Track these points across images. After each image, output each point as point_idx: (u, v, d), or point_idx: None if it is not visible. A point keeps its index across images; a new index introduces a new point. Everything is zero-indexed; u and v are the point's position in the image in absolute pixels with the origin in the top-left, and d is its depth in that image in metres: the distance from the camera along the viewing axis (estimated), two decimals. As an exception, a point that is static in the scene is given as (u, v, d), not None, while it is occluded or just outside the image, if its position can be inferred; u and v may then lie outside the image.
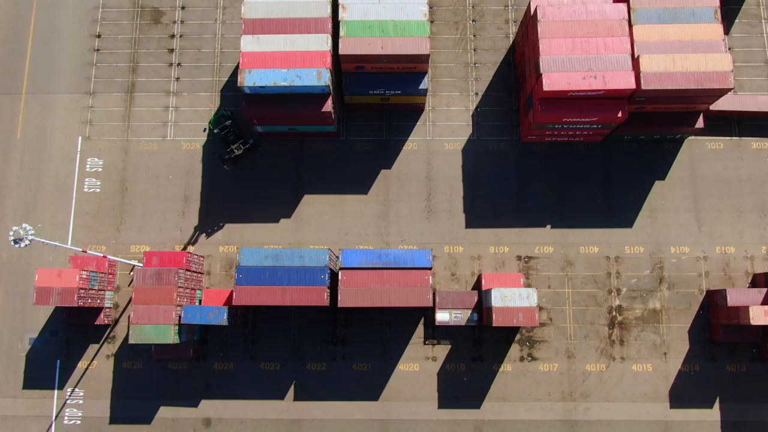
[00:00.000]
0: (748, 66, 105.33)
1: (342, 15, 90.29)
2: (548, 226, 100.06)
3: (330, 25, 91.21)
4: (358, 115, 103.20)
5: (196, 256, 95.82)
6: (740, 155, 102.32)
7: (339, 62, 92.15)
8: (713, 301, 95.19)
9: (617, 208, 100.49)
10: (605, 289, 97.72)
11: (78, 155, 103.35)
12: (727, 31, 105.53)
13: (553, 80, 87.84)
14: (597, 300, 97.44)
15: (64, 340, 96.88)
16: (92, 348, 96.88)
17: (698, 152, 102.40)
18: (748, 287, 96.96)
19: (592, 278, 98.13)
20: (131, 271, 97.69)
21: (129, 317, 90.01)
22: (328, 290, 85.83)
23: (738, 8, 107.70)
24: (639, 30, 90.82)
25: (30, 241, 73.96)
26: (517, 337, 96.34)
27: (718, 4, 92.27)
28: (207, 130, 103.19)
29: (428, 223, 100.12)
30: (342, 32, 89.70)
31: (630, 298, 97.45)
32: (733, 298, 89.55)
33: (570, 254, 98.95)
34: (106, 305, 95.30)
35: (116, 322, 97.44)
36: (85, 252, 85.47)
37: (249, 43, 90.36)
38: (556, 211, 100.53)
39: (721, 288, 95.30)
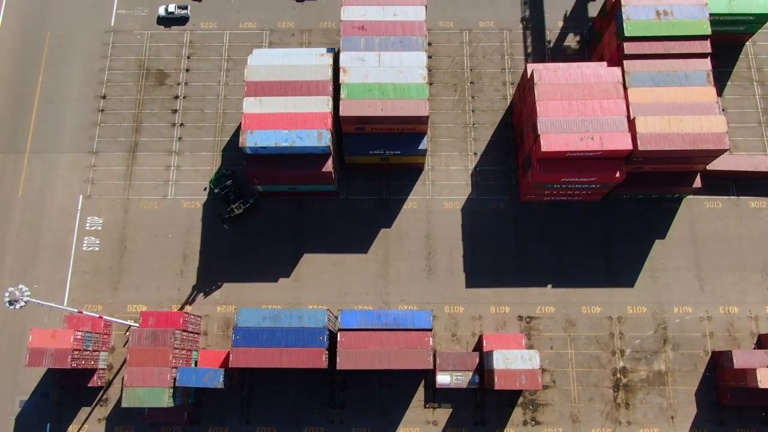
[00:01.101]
0: (742, 127, 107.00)
1: (343, 78, 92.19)
2: (549, 286, 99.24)
3: (331, 88, 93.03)
4: (358, 174, 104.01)
5: (193, 317, 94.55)
6: (739, 214, 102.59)
7: (339, 123, 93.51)
8: (719, 362, 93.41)
9: (618, 267, 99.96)
10: (609, 350, 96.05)
11: (78, 213, 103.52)
12: (720, 93, 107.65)
13: (550, 141, 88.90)
14: (601, 361, 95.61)
15: (56, 402, 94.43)
16: (84, 411, 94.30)
17: (697, 211, 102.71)
18: (754, 348, 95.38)
19: (595, 339, 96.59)
20: (127, 331, 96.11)
21: (123, 379, 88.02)
22: (326, 352, 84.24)
23: (729, 71, 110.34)
24: (634, 93, 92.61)
25: (25, 302, 73.04)
26: (520, 400, 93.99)
27: (710, 67, 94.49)
28: (208, 189, 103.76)
29: (428, 282, 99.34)
30: (343, 94, 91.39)
31: (634, 360, 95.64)
32: (740, 360, 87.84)
33: (572, 314, 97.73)
34: (100, 366, 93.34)
35: (110, 383, 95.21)
36: (81, 313, 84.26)
37: (251, 105, 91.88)
38: (557, 271, 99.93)
39: (726, 349, 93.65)
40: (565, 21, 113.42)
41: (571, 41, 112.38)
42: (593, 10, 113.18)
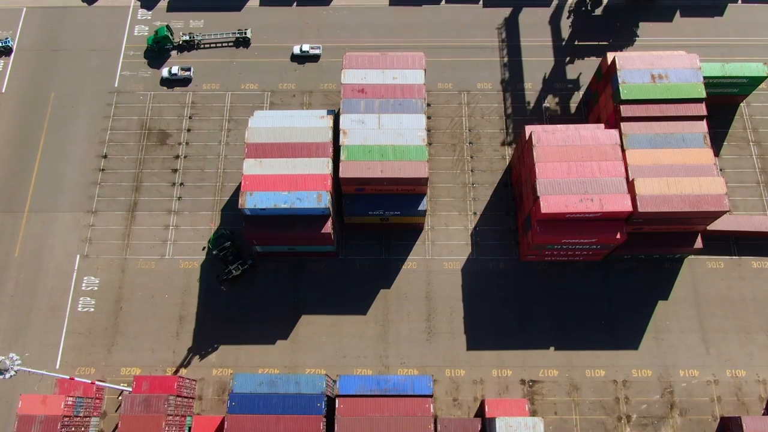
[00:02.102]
0: (740, 186, 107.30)
1: (343, 140, 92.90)
2: (551, 348, 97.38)
3: (331, 150, 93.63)
4: (357, 234, 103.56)
5: (188, 380, 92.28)
6: (741, 275, 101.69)
7: (339, 184, 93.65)
8: (728, 428, 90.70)
9: (621, 328, 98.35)
10: (615, 415, 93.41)
11: (75, 273, 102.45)
12: (717, 153, 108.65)
13: (550, 203, 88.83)
14: (606, 427, 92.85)
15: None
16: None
17: (699, 271, 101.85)
18: (763, 414, 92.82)
19: (600, 404, 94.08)
20: (120, 395, 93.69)
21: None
22: (324, 420, 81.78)
23: (726, 131, 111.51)
24: (632, 154, 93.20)
25: (15, 372, 71.36)
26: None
27: (706, 130, 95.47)
28: (206, 249, 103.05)
29: (428, 344, 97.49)
30: (343, 156, 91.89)
31: (641, 426, 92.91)
32: (750, 427, 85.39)
33: (575, 378, 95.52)
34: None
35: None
36: (72, 379, 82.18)
37: (251, 167, 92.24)
38: (559, 332, 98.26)
39: (735, 415, 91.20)
40: (562, 82, 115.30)
41: (568, 102, 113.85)
42: (584, 72, 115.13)
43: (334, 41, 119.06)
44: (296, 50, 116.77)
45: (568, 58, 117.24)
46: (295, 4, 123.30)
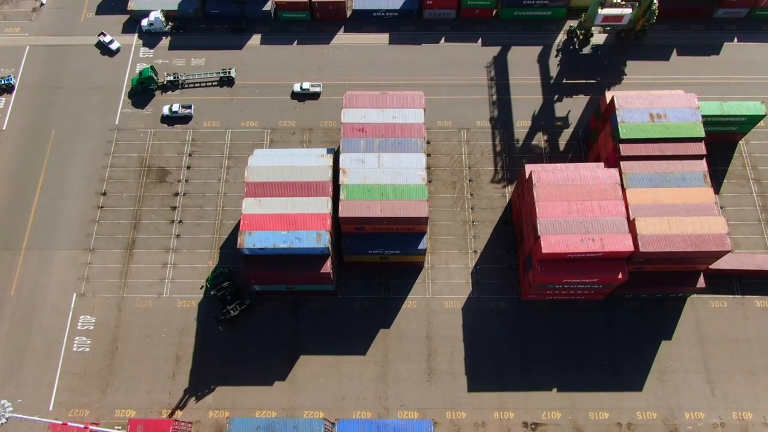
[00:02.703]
0: (741, 224, 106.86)
1: (342, 179, 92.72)
2: (554, 390, 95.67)
3: (330, 188, 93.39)
4: (356, 273, 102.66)
5: (183, 423, 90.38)
6: (745, 314, 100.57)
7: (339, 223, 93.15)
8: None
9: (625, 369, 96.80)
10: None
11: (71, 312, 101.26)
12: (717, 191, 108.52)
13: (551, 243, 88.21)
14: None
15: None
16: None
17: (702, 311, 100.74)
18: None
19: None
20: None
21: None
22: (322, 466, 79.92)
23: (725, 169, 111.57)
24: (632, 193, 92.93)
25: (7, 419, 69.80)
26: None
27: (706, 169, 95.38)
28: (204, 288, 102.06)
29: (429, 386, 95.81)
30: (342, 195, 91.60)
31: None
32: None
33: (579, 420, 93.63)
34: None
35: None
36: (66, 424, 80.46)
37: (250, 206, 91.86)
38: (562, 373, 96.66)
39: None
40: (561, 121, 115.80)
41: (567, 140, 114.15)
42: (579, 109, 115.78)
43: (335, 79, 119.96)
44: (296, 88, 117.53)
45: (556, 96, 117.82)
46: (295, 42, 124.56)
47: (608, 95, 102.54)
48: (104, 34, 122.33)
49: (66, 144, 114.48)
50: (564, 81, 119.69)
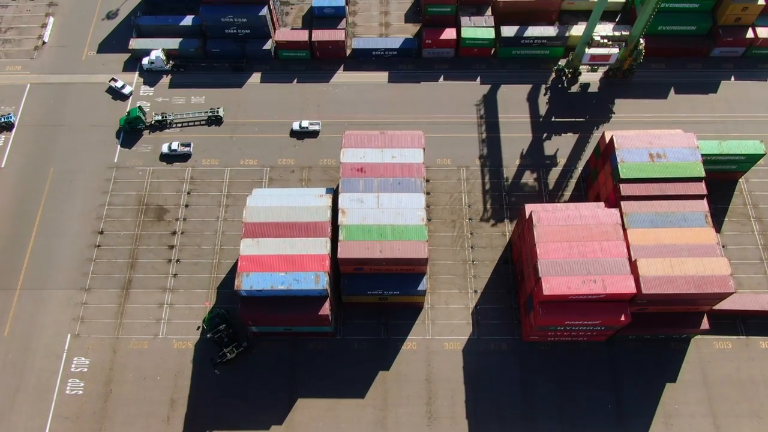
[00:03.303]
0: (744, 263, 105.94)
1: (341, 219, 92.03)
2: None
3: (329, 229, 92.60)
4: (355, 313, 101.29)
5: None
6: (750, 355, 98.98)
7: (338, 263, 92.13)
8: None
9: (629, 413, 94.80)
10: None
11: (65, 354, 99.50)
12: (718, 230, 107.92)
13: (552, 284, 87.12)
14: None
15: None
16: None
17: (707, 352, 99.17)
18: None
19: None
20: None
21: None
22: None
23: (726, 207, 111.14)
24: (633, 234, 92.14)
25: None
26: None
27: (707, 209, 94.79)
28: (201, 329, 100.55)
29: (429, 430, 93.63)
30: (341, 236, 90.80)
31: None
32: None
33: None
34: None
35: None
36: (56, 473, 78.22)
37: (248, 247, 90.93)
38: (566, 417, 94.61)
39: None
40: (560, 158, 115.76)
41: (567, 179, 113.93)
42: (583, 149, 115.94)
43: (334, 117, 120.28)
44: (295, 126, 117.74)
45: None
46: (295, 81, 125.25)
47: (607, 135, 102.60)
48: (115, 80, 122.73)
49: (64, 182, 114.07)
50: (553, 119, 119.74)
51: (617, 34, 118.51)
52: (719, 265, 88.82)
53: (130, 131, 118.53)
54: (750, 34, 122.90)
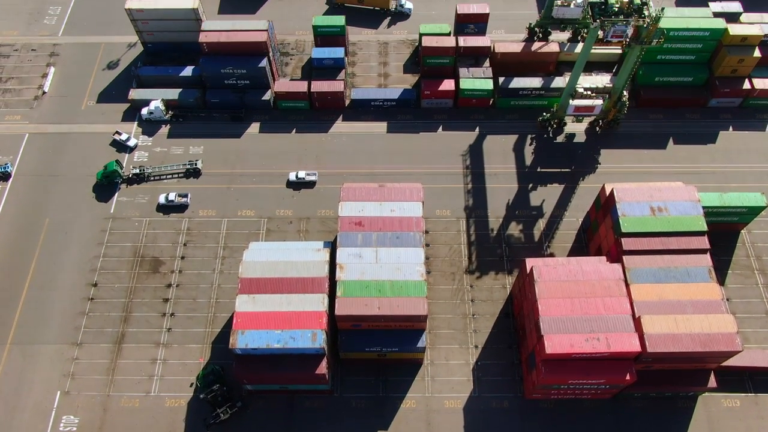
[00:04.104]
0: (749, 317, 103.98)
1: (339, 275, 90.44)
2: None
3: (327, 285, 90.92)
4: (353, 370, 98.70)
5: None
6: (759, 413, 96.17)
7: (335, 320, 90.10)
8: None
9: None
10: None
11: (53, 412, 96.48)
12: (722, 282, 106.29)
13: (555, 343, 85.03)
14: None
15: None
16: None
17: (714, 410, 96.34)
18: None
19: None
20: None
21: None
22: None
23: (729, 259, 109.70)
24: (636, 289, 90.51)
25: None
26: None
27: (711, 263, 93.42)
28: (194, 386, 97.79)
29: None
30: (339, 292, 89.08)
31: None
32: None
33: None
34: None
35: None
36: None
37: (244, 303, 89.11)
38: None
39: None
40: (560, 209, 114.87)
41: (566, 229, 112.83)
42: (582, 199, 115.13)
43: (332, 168, 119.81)
44: (292, 177, 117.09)
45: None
46: (294, 131, 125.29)
47: (608, 187, 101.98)
48: (119, 133, 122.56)
49: (59, 233, 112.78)
50: (553, 170, 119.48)
51: (600, 86, 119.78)
52: (725, 322, 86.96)
53: (108, 185, 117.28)
54: (747, 85, 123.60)
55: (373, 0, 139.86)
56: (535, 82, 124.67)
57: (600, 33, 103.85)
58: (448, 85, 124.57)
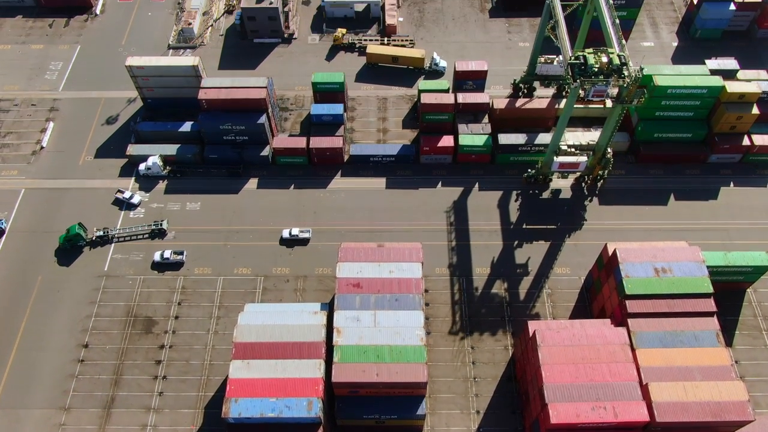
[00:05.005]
0: (759, 381, 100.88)
1: (336, 339, 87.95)
2: None
3: (324, 349, 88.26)
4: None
5: None
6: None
7: (332, 385, 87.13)
8: None
9: None
10: None
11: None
12: (729, 343, 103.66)
13: (560, 412, 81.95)
14: None
15: None
16: None
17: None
18: None
19: None
20: None
21: None
22: None
23: (736, 319, 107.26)
24: (643, 354, 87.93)
25: None
26: None
27: (718, 327, 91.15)
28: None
29: None
30: (336, 357, 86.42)
31: None
32: None
33: None
34: None
35: None
36: None
37: (238, 369, 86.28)
38: None
39: None
40: (562, 268, 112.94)
41: (568, 287, 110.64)
42: (585, 256, 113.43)
43: (330, 224, 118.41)
44: (285, 234, 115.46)
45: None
46: (292, 186, 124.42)
47: (610, 247, 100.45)
48: (121, 191, 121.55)
49: (51, 292, 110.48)
50: (554, 226, 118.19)
51: (584, 143, 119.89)
52: (736, 389, 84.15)
53: (70, 249, 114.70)
54: (746, 141, 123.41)
55: (408, 59, 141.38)
56: (533, 137, 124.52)
57: (581, 92, 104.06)
58: (447, 141, 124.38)
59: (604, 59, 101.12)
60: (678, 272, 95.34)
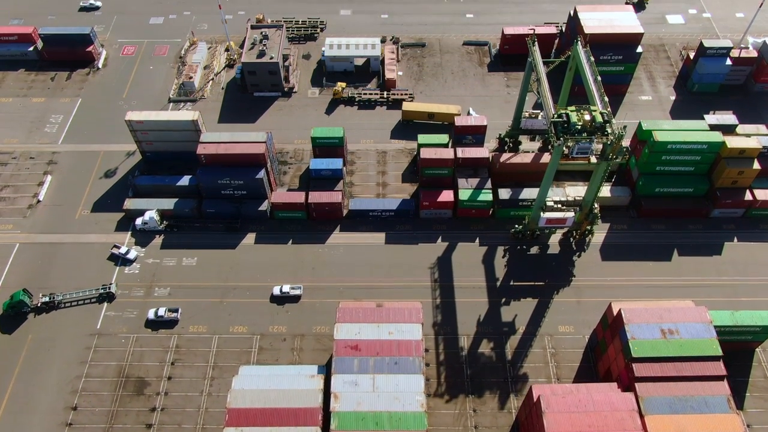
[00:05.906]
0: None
1: (333, 405, 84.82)
2: None
3: (320, 416, 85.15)
4: None
5: None
6: None
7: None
8: None
9: None
10: None
11: None
12: (740, 406, 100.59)
13: (567, 485, 78.26)
14: None
15: None
16: None
17: None
18: None
19: None
20: None
21: None
22: None
23: (746, 381, 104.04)
24: (652, 422, 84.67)
25: None
26: None
27: (729, 391, 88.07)
28: None
29: None
30: (333, 425, 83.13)
31: None
32: None
33: None
34: None
35: None
36: None
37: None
38: None
39: None
40: (566, 326, 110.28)
41: (572, 347, 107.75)
42: (590, 314, 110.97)
43: (329, 280, 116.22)
44: (276, 291, 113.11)
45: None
46: (290, 242, 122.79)
47: (615, 306, 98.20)
48: (117, 247, 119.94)
49: (41, 351, 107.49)
50: (554, 282, 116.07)
51: (570, 198, 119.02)
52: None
53: (14, 316, 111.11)
54: (748, 196, 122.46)
55: (443, 116, 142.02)
56: (534, 192, 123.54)
57: (565, 149, 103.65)
58: (446, 195, 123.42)
59: (587, 117, 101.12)
60: (685, 334, 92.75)
